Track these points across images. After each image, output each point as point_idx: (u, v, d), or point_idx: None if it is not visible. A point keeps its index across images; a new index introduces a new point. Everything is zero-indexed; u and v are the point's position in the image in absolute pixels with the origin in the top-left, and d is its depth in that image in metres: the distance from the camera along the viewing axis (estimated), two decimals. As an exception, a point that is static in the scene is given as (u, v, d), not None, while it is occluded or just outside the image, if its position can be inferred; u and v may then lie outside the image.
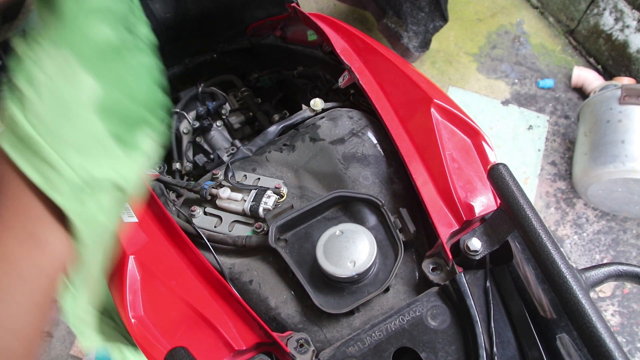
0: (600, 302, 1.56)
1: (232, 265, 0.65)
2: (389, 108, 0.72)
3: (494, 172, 0.50)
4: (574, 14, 1.91)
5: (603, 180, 1.49)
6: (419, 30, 1.73)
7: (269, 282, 0.63)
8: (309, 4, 2.13)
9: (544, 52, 1.96)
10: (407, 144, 0.67)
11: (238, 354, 0.54)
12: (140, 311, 0.56)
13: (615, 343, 0.40)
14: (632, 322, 1.53)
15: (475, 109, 1.87)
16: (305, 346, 0.54)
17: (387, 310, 0.59)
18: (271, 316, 0.61)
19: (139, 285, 0.58)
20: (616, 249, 1.63)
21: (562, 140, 1.80)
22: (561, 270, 0.44)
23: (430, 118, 0.65)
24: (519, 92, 1.90)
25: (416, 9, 1.69)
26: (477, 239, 0.55)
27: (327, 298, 0.60)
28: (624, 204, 1.58)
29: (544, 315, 0.53)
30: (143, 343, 0.54)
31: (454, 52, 1.98)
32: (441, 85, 1.92)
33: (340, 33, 0.84)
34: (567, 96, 1.88)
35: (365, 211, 0.65)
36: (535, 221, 0.46)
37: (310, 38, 0.99)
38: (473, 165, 0.64)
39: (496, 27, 2.03)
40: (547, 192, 1.73)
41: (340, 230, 0.60)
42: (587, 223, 1.67)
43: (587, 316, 0.41)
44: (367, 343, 0.53)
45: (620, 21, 1.74)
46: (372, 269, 0.59)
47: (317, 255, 0.58)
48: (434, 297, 0.55)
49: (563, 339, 0.50)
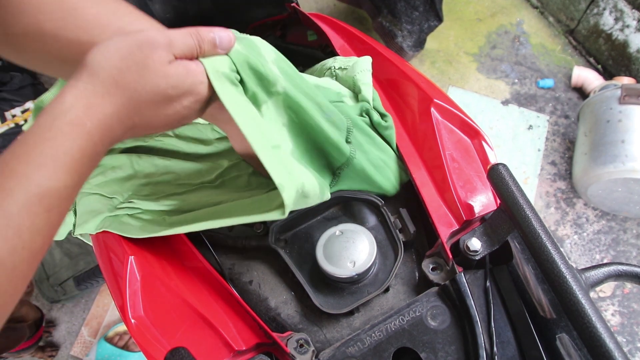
0: (600, 302, 1.56)
1: (232, 265, 0.65)
2: (389, 107, 0.72)
3: (494, 172, 0.50)
4: (573, 14, 1.91)
5: (603, 180, 1.49)
6: (413, 29, 1.73)
7: (269, 282, 0.63)
8: (309, 4, 2.13)
9: (544, 52, 1.96)
10: (407, 144, 0.67)
11: (238, 354, 0.54)
12: (140, 311, 0.56)
13: (615, 343, 0.40)
14: (632, 322, 1.53)
15: (475, 108, 1.87)
16: (305, 346, 0.54)
17: (387, 310, 0.59)
18: (271, 316, 0.61)
19: (139, 285, 0.58)
20: (616, 248, 1.63)
21: (562, 140, 1.80)
22: (561, 270, 0.44)
23: (430, 118, 0.65)
24: (519, 92, 1.90)
25: (411, 8, 1.69)
26: (476, 239, 0.55)
27: (327, 298, 0.60)
28: (624, 203, 1.58)
29: (543, 315, 0.53)
30: (143, 343, 0.54)
31: (454, 52, 1.98)
32: (441, 85, 1.92)
33: (340, 33, 0.84)
34: (567, 96, 1.88)
35: (365, 211, 0.65)
36: (535, 221, 0.46)
37: (310, 38, 0.99)
38: (473, 165, 0.64)
39: (496, 27, 2.03)
40: (547, 192, 1.72)
41: (340, 231, 0.60)
42: (587, 223, 1.67)
43: (587, 316, 0.41)
44: (367, 343, 0.53)
45: (620, 21, 1.74)
46: (372, 269, 0.59)
47: (317, 256, 0.58)
48: (434, 297, 0.55)
49: (563, 339, 0.50)
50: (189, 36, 0.43)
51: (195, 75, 0.44)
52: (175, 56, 0.43)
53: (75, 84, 0.39)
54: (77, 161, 0.37)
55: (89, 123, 0.38)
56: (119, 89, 0.40)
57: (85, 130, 0.38)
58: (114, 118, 0.40)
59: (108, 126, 0.40)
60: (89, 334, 1.68)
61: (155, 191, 0.64)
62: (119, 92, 0.40)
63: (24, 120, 1.71)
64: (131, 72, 0.40)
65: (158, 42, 0.41)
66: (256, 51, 0.49)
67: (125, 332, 1.58)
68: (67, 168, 0.37)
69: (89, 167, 0.40)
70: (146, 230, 0.58)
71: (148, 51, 0.40)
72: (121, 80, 0.40)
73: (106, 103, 0.39)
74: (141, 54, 0.40)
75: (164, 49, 0.41)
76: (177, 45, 0.42)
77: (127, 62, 0.40)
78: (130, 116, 0.41)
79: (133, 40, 0.41)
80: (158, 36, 0.41)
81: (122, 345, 1.55)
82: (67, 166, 0.37)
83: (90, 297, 1.73)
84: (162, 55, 0.41)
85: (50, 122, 0.37)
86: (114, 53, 0.40)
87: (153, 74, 0.41)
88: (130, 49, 0.40)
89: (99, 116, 0.39)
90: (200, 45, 0.44)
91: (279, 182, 0.45)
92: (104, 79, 0.39)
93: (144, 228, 0.59)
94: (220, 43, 0.45)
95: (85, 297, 1.73)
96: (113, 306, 1.70)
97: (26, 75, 1.85)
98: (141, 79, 0.40)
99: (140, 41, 0.41)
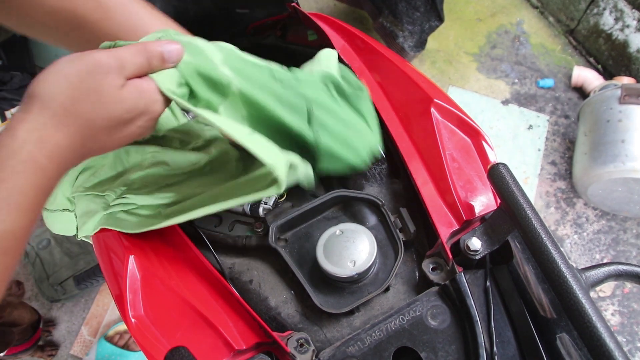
0: (601, 302, 1.56)
1: (232, 265, 0.65)
2: (389, 107, 0.72)
3: (494, 171, 0.50)
4: (573, 14, 1.91)
5: (603, 180, 1.49)
6: (414, 29, 1.73)
7: (269, 281, 0.63)
8: (309, 4, 2.13)
9: (544, 52, 1.96)
10: (407, 144, 0.67)
11: (238, 353, 0.54)
12: (140, 311, 0.56)
13: (615, 343, 0.40)
14: (632, 322, 1.53)
15: (475, 108, 1.87)
16: (305, 346, 0.54)
17: (387, 309, 0.59)
18: (271, 316, 0.61)
19: (139, 285, 0.58)
20: (616, 248, 1.63)
21: (562, 140, 1.80)
22: (561, 270, 0.44)
23: (431, 118, 0.65)
24: (519, 91, 1.90)
25: (412, 8, 1.68)
26: (477, 239, 0.55)
27: (327, 298, 0.60)
28: (624, 203, 1.58)
29: (544, 315, 0.53)
30: (143, 343, 0.54)
31: (454, 52, 1.98)
32: (441, 85, 1.92)
33: (340, 33, 0.84)
34: (567, 96, 1.88)
35: (366, 211, 0.65)
36: (535, 221, 0.46)
37: (310, 38, 0.99)
38: (473, 164, 0.64)
39: (496, 27, 2.03)
40: (547, 191, 1.73)
41: (340, 230, 0.60)
42: (587, 223, 1.67)
43: (587, 316, 0.41)
44: (367, 343, 0.53)
45: (620, 21, 1.74)
46: (372, 268, 0.59)
47: (317, 255, 0.58)
48: (434, 297, 0.55)
49: (563, 338, 0.50)
50: (138, 55, 0.42)
51: (148, 95, 0.43)
52: (127, 78, 0.42)
53: (26, 117, 0.37)
54: (32, 199, 0.36)
55: (42, 159, 0.37)
56: (72, 119, 0.38)
57: (39, 166, 0.36)
58: (69, 149, 0.39)
59: (62, 158, 0.38)
60: (88, 333, 1.68)
61: (147, 182, 0.64)
62: (72, 122, 0.38)
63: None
64: (84, 101, 0.38)
65: (109, 66, 0.40)
66: (203, 56, 0.49)
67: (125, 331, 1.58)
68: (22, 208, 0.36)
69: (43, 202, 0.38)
70: (143, 225, 0.58)
71: (100, 77, 0.39)
72: (74, 109, 0.38)
73: (59, 135, 0.38)
74: (93, 81, 0.39)
75: (115, 73, 0.40)
76: (128, 67, 0.41)
77: (78, 91, 0.38)
78: (85, 144, 0.40)
79: (83, 65, 0.39)
80: (108, 59, 0.40)
81: (122, 345, 1.55)
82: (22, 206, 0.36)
83: (90, 296, 1.73)
84: (114, 79, 0.40)
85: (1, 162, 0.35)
86: (64, 81, 0.38)
87: (106, 101, 0.40)
88: (81, 76, 0.38)
89: (52, 149, 0.37)
90: (150, 62, 0.43)
91: (269, 162, 0.45)
92: (55, 110, 0.37)
93: (141, 222, 0.59)
94: (169, 57, 0.44)
95: (85, 296, 1.73)
96: (113, 305, 1.70)
97: (26, 75, 1.85)
98: (94, 106, 0.39)
99: (91, 66, 0.39)
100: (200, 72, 0.47)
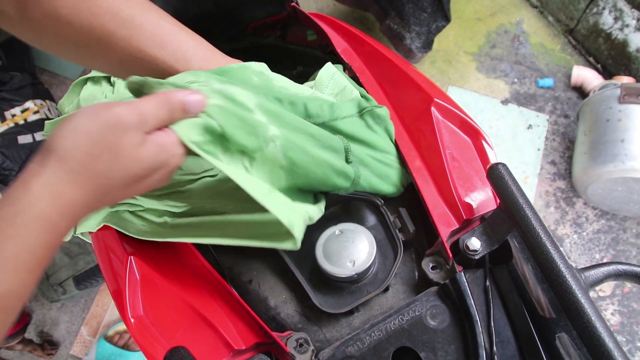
0: (600, 302, 1.56)
1: (232, 265, 0.65)
2: (390, 107, 0.72)
3: (493, 171, 0.50)
4: (573, 13, 1.91)
5: (603, 180, 1.49)
6: (421, 30, 1.72)
7: (269, 281, 0.63)
8: (309, 4, 2.13)
9: (544, 52, 1.96)
10: (407, 143, 0.67)
11: (238, 353, 0.54)
12: (140, 311, 0.56)
13: (614, 342, 0.40)
14: (632, 322, 1.53)
15: (475, 108, 1.87)
16: (304, 346, 0.54)
17: (386, 309, 0.59)
18: (271, 316, 0.61)
19: (139, 284, 0.58)
20: (616, 248, 1.63)
21: (561, 140, 1.80)
22: (560, 270, 0.44)
23: (431, 117, 0.65)
24: (519, 91, 1.89)
25: (419, 9, 1.68)
26: (476, 239, 0.55)
27: (327, 298, 0.60)
28: (623, 203, 1.58)
29: (543, 315, 0.53)
30: (143, 343, 0.54)
31: (454, 52, 1.98)
32: (441, 84, 1.92)
33: (341, 33, 0.84)
34: (566, 95, 1.88)
35: (365, 211, 0.65)
36: (534, 221, 0.46)
37: (310, 38, 0.99)
38: (473, 164, 0.64)
39: (496, 27, 2.03)
40: (546, 191, 1.72)
41: (340, 230, 0.60)
42: (587, 222, 1.67)
43: (586, 315, 0.41)
44: (366, 343, 0.53)
45: (619, 20, 1.74)
46: (371, 268, 0.59)
47: (317, 255, 0.58)
48: (434, 297, 0.55)
49: (562, 338, 0.50)
50: (160, 108, 0.41)
51: (168, 149, 0.42)
52: (147, 132, 0.41)
53: (42, 171, 0.36)
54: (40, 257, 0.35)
55: (55, 216, 0.36)
56: (89, 176, 0.37)
57: (51, 224, 0.35)
58: (82, 204, 0.38)
59: (75, 213, 0.38)
60: (88, 333, 1.68)
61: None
62: (88, 180, 0.37)
63: (23, 119, 1.71)
64: (102, 159, 0.38)
65: (130, 123, 0.39)
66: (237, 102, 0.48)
67: (125, 331, 1.58)
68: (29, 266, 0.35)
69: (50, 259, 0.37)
70: (146, 234, 0.58)
71: (120, 134, 0.38)
72: (91, 167, 0.37)
73: (74, 191, 0.37)
74: (112, 138, 0.38)
75: (135, 129, 0.39)
76: (149, 121, 0.40)
77: (97, 148, 0.37)
78: (99, 199, 0.39)
79: (103, 121, 0.38)
80: (129, 116, 0.39)
81: (122, 345, 1.55)
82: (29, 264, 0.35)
83: (90, 296, 1.73)
84: (134, 137, 0.39)
85: (13, 217, 0.34)
86: (83, 137, 0.37)
87: (125, 160, 0.39)
88: (100, 133, 0.38)
89: (66, 205, 0.36)
90: (171, 114, 0.42)
91: (287, 222, 0.44)
92: (72, 166, 0.37)
93: (145, 230, 0.59)
94: (191, 108, 0.43)
95: (85, 296, 1.73)
96: (113, 305, 1.70)
97: (26, 75, 1.85)
98: (112, 165, 0.38)
99: (111, 123, 0.38)
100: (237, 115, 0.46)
